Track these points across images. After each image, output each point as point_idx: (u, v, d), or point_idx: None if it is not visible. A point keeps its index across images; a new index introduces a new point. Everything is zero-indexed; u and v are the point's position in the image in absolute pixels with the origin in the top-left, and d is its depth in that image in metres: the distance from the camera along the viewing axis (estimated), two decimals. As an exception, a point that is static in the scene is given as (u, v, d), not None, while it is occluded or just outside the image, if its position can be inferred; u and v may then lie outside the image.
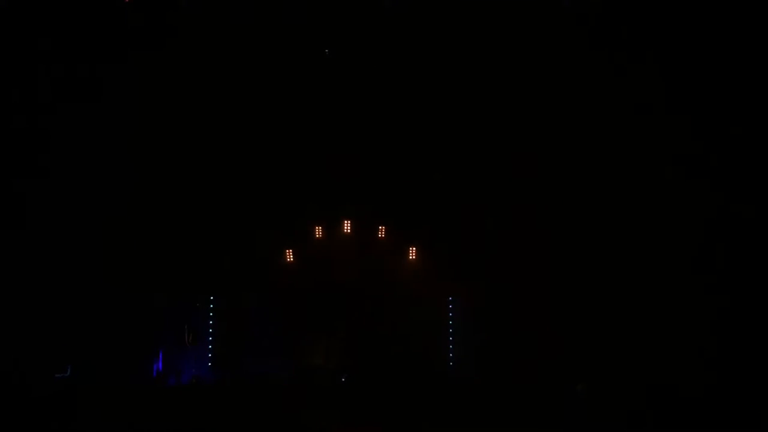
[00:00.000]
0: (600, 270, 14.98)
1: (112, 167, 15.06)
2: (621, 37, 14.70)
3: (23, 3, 14.18)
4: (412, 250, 15.91)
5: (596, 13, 14.68)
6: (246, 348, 15.71)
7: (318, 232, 15.90)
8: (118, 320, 14.86)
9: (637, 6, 14.53)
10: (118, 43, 14.74)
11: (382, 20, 14.92)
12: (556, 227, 15.36)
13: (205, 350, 15.74)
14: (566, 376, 14.34)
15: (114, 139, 15.06)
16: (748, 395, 13.69)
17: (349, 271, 15.83)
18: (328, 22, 14.91)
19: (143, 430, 13.64)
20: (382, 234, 15.88)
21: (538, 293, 15.33)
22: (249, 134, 15.54)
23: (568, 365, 14.64)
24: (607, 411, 13.73)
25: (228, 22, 14.94)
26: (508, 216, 15.55)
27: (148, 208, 15.29)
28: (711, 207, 14.52)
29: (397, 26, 14.93)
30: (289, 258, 15.89)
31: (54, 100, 14.71)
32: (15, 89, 14.48)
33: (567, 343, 14.92)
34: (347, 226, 15.89)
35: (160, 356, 15.34)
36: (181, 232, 15.43)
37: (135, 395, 14.19)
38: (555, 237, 15.34)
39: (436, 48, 15.17)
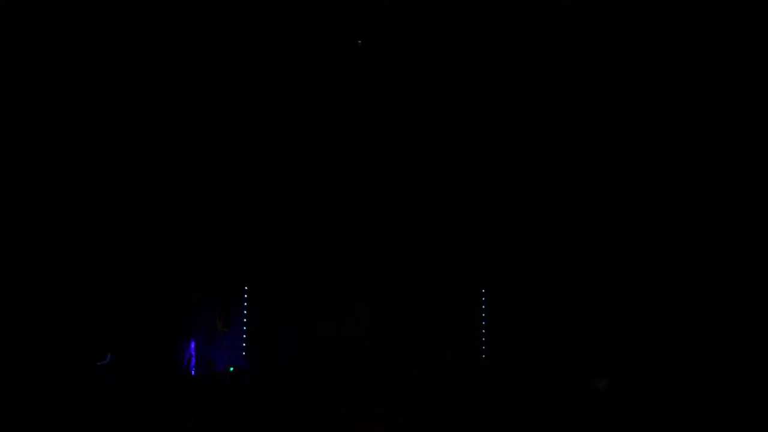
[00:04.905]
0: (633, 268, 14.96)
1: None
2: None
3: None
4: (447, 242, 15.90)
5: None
6: (280, 339, 15.89)
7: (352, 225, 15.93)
8: (154, 310, 15.16)
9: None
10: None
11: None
12: (592, 224, 15.40)
13: (240, 340, 15.97)
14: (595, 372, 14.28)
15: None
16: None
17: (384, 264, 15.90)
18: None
19: (176, 416, 13.95)
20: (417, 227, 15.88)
21: (573, 288, 15.38)
22: (283, 132, 15.66)
23: (600, 361, 14.60)
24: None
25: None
26: (543, 212, 15.56)
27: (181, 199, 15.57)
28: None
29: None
30: (323, 251, 15.95)
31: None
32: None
33: (601, 338, 14.92)
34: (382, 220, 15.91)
35: (192, 346, 15.62)
36: (215, 223, 15.60)
37: (169, 383, 14.54)
38: (590, 233, 15.39)
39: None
